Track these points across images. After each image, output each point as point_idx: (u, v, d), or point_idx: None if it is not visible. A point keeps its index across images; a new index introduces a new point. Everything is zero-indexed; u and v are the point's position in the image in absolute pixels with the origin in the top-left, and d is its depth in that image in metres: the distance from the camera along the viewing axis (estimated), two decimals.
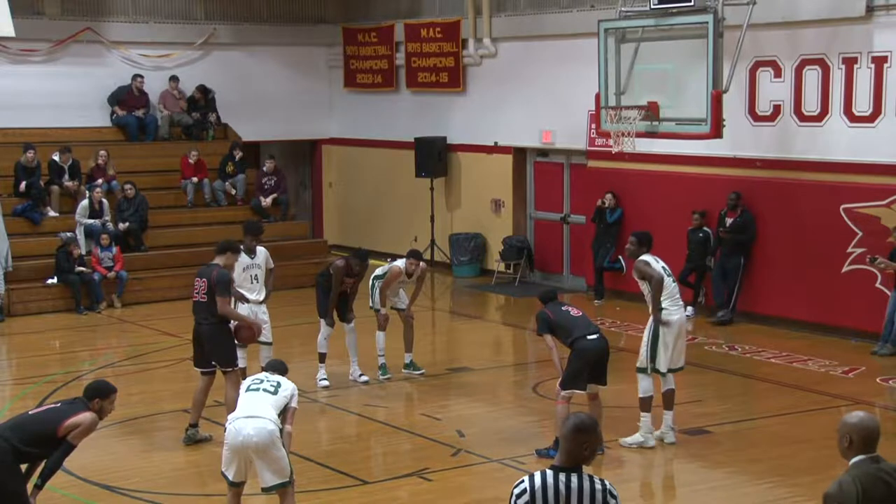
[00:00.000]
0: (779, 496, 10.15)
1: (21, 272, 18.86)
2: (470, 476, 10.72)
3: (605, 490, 5.43)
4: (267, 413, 8.56)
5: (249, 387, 8.87)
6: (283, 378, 9.03)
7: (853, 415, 5.75)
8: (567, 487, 5.38)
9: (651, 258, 11.32)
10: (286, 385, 8.93)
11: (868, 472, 5.56)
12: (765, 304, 17.05)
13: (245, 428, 8.44)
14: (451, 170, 22.22)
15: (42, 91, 21.66)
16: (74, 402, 8.53)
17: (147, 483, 10.40)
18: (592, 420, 5.56)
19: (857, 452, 5.63)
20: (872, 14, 15.49)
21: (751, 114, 16.99)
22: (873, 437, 5.65)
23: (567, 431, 5.48)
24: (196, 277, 11.59)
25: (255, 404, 8.63)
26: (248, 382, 9.01)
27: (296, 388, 9.02)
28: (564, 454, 5.47)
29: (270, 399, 8.71)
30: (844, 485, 5.52)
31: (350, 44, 24.04)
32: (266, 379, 8.95)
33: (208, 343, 11.45)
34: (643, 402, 11.32)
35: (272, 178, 22.19)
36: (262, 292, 13.12)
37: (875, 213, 15.56)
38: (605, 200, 18.60)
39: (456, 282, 21.44)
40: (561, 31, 19.73)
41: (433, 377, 14.33)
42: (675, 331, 11.24)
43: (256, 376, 9.07)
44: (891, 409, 13.23)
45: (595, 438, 5.51)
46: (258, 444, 8.42)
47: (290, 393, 8.91)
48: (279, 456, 8.50)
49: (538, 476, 5.43)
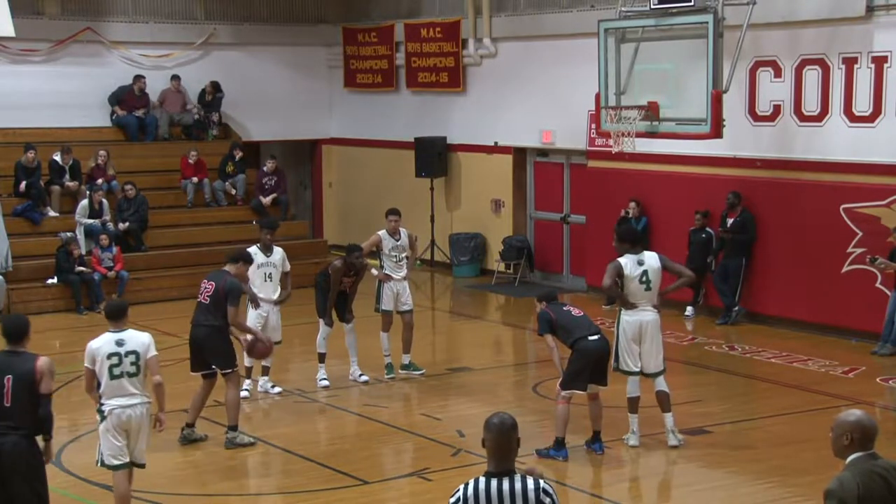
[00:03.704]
0: (779, 496, 10.16)
1: (21, 272, 18.87)
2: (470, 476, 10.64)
3: (537, 489, 5.44)
4: (140, 392, 9.08)
5: (113, 374, 8.98)
6: (134, 337, 9.11)
7: (850, 413, 5.81)
8: (499, 491, 5.42)
9: (631, 258, 11.28)
10: (142, 347, 9.06)
11: (866, 469, 5.64)
12: (765, 304, 17.05)
13: (126, 412, 9.01)
14: (451, 170, 22.23)
15: (42, 91, 21.67)
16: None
17: (147, 483, 10.38)
18: (510, 418, 5.55)
19: (856, 450, 5.70)
20: (872, 14, 15.49)
21: (751, 114, 16.99)
22: (872, 435, 5.74)
23: (489, 433, 5.50)
24: (205, 279, 11.59)
25: (125, 389, 9.01)
26: (107, 364, 8.98)
27: (150, 336, 9.20)
28: (491, 458, 5.50)
29: (135, 380, 9.05)
30: (845, 481, 5.59)
31: (350, 44, 24.04)
32: (122, 357, 9.00)
33: (206, 346, 11.43)
34: (628, 402, 11.37)
35: (272, 178, 22.20)
36: (276, 292, 13.17)
37: (875, 213, 15.57)
38: (630, 209, 18.23)
39: (456, 282, 21.44)
40: (561, 31, 19.73)
41: (433, 377, 14.34)
42: (633, 333, 11.21)
43: (111, 352, 9.00)
44: (891, 408, 13.24)
45: (515, 435, 5.51)
46: (139, 424, 9.05)
47: (146, 349, 9.08)
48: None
49: (471, 483, 5.49)
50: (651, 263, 11.26)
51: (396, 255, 14.11)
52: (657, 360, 11.33)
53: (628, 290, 11.21)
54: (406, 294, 14.24)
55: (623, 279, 11.20)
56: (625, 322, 11.25)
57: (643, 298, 11.22)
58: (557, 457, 10.94)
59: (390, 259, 14.09)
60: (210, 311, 11.36)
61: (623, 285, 11.22)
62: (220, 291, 11.31)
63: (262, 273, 13.13)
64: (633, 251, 11.31)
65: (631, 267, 11.19)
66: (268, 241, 13.30)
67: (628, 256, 11.27)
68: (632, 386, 11.33)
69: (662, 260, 11.40)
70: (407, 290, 14.28)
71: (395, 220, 14.07)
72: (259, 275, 13.07)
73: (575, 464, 10.95)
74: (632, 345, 11.23)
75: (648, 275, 11.20)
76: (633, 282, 11.18)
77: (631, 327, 11.22)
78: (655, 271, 11.26)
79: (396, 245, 14.07)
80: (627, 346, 11.24)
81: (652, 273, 11.23)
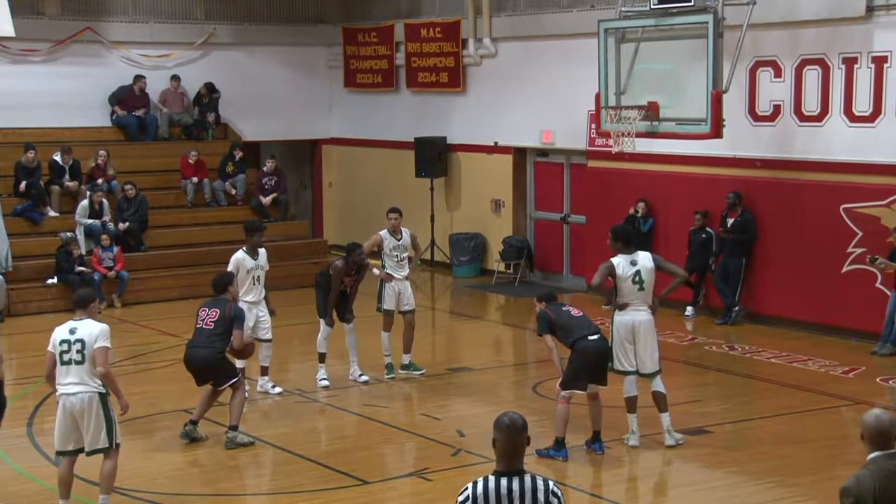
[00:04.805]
0: (779, 496, 10.16)
1: (21, 272, 18.87)
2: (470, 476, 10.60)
3: (547, 490, 5.44)
4: (84, 380, 9.14)
5: (62, 360, 9.18)
6: (86, 326, 9.26)
7: (870, 412, 5.89)
8: (509, 490, 5.41)
9: (625, 258, 11.29)
10: (89, 337, 9.17)
11: (884, 468, 5.67)
12: (765, 304, 17.05)
13: (69, 399, 9.16)
14: (451, 170, 22.23)
15: (42, 91, 21.67)
16: None
17: (147, 483, 10.40)
18: (521, 418, 5.55)
19: (872, 448, 5.75)
20: (872, 14, 15.49)
21: (751, 114, 16.99)
22: (883, 434, 5.76)
23: (499, 433, 5.49)
24: (203, 307, 11.59)
25: (70, 376, 9.17)
26: (58, 350, 9.21)
27: (104, 328, 9.29)
28: (501, 457, 5.48)
29: (80, 368, 9.15)
30: (861, 479, 5.63)
31: (350, 44, 24.05)
32: (70, 345, 9.18)
33: (204, 368, 11.43)
34: (626, 402, 11.39)
35: (272, 178, 22.20)
36: (262, 293, 13.18)
37: (875, 213, 15.57)
38: (638, 209, 18.22)
39: (456, 282, 21.45)
40: (561, 31, 19.73)
41: (433, 377, 14.34)
42: (626, 332, 11.21)
43: (63, 339, 9.24)
44: (891, 409, 13.23)
45: (525, 435, 5.51)
46: (81, 411, 9.11)
47: (94, 339, 9.17)
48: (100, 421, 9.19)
49: (480, 482, 5.47)
50: (644, 264, 11.27)
51: (398, 255, 14.11)
52: (652, 360, 11.32)
53: (621, 290, 11.22)
54: (408, 294, 14.23)
55: (615, 279, 11.23)
56: (617, 322, 11.27)
57: (636, 298, 11.22)
58: (557, 457, 10.94)
59: (392, 258, 14.08)
60: (215, 334, 11.39)
61: (616, 285, 11.24)
62: (226, 317, 11.38)
63: (252, 277, 13.03)
64: (626, 251, 11.32)
65: (624, 267, 11.20)
66: (261, 243, 13.23)
67: (621, 256, 11.28)
68: (629, 386, 11.33)
69: (656, 260, 11.40)
70: (409, 289, 14.28)
71: (396, 219, 14.07)
72: (248, 279, 13.01)
73: (575, 464, 10.94)
74: (625, 344, 11.24)
75: (641, 275, 11.20)
76: (626, 282, 11.19)
77: (623, 327, 11.23)
78: (648, 271, 11.25)
79: (398, 244, 14.07)
80: (621, 346, 11.25)
81: (645, 273, 11.23)
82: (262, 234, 13.30)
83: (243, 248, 13.15)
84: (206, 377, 11.51)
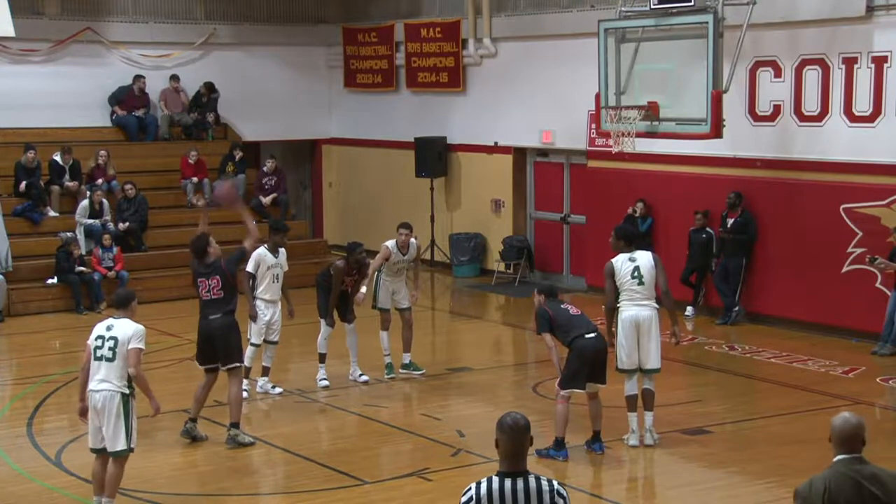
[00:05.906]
0: (779, 496, 10.14)
1: (21, 272, 18.87)
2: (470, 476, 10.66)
3: (552, 490, 5.42)
4: (110, 378, 9.18)
5: (95, 355, 9.27)
6: (122, 325, 9.33)
7: (839, 414, 5.82)
8: (513, 491, 5.39)
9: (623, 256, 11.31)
10: (123, 336, 9.24)
11: (842, 473, 5.61)
12: (765, 304, 17.05)
13: (95, 395, 9.22)
14: (451, 170, 22.23)
15: (42, 91, 21.66)
16: None
17: (147, 483, 10.40)
18: (524, 418, 5.54)
19: (838, 451, 5.69)
20: (872, 14, 15.49)
21: (751, 114, 16.99)
22: (848, 438, 5.68)
23: (503, 434, 5.48)
24: (201, 278, 11.52)
25: (99, 372, 9.24)
26: (93, 346, 9.32)
27: (139, 329, 9.37)
28: (504, 458, 5.47)
29: (111, 366, 9.21)
30: (814, 482, 5.60)
31: (350, 44, 24.05)
32: (104, 341, 9.26)
33: (219, 336, 11.38)
34: (626, 401, 11.40)
35: (272, 178, 22.20)
36: (279, 292, 13.28)
37: (875, 213, 15.57)
38: (636, 209, 18.24)
39: (456, 282, 21.45)
40: (561, 31, 19.73)
41: (433, 377, 14.34)
42: (629, 327, 11.22)
43: (99, 335, 9.34)
44: (891, 408, 13.24)
45: (529, 435, 5.50)
46: (102, 408, 9.16)
47: (128, 339, 9.24)
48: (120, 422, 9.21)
49: (484, 483, 5.44)
50: (643, 261, 11.30)
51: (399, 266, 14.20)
52: (655, 357, 11.34)
53: (622, 286, 11.24)
54: (403, 292, 14.25)
55: (616, 278, 11.24)
56: (621, 318, 11.28)
57: (637, 293, 11.24)
58: (557, 457, 10.93)
59: (392, 268, 14.11)
60: (225, 300, 11.40)
61: (617, 283, 11.25)
62: (228, 277, 11.44)
63: (271, 274, 13.17)
64: (626, 250, 11.35)
65: (622, 263, 11.26)
66: (283, 243, 13.34)
67: (621, 255, 11.32)
68: (629, 385, 11.34)
69: (656, 260, 11.43)
70: (404, 288, 14.29)
71: (407, 235, 14.05)
72: (268, 276, 13.13)
73: (575, 464, 10.95)
74: (628, 340, 11.23)
75: (640, 270, 11.24)
76: (626, 277, 11.23)
77: (626, 322, 11.23)
78: (648, 268, 11.28)
79: (403, 259, 14.11)
80: (624, 342, 11.24)
81: (644, 269, 11.26)
82: (284, 235, 13.45)
83: (265, 246, 13.26)
84: (220, 349, 11.41)
